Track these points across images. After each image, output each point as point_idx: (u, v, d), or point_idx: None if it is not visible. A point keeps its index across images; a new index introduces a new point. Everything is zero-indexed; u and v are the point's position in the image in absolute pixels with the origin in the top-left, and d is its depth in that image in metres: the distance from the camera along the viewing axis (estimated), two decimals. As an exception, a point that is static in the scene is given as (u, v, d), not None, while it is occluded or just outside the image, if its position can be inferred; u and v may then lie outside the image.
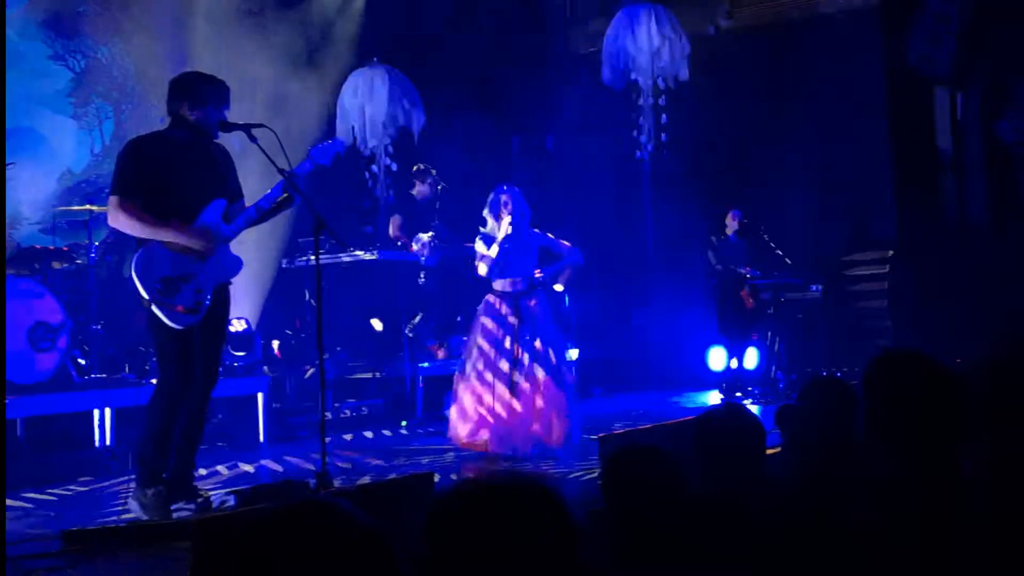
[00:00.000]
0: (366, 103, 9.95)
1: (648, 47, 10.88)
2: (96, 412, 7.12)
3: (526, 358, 6.80)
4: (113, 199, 5.03)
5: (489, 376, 6.78)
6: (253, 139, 5.16)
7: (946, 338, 9.38)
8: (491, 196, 7.12)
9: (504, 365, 6.78)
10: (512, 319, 6.87)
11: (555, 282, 7.56)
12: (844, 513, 2.56)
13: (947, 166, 11.45)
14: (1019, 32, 10.34)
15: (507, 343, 6.84)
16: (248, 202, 5.37)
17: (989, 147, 10.98)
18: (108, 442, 7.04)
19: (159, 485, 5.06)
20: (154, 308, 4.94)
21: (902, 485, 2.52)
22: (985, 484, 2.41)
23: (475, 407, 6.81)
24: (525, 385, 6.76)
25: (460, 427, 6.89)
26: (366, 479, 6.07)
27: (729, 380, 10.07)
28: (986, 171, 11.19)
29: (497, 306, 6.93)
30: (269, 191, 5.26)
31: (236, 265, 5.32)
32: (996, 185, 11.09)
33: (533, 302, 6.98)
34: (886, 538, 2.41)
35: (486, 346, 6.86)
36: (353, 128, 10.00)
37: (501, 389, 6.76)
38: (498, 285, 6.98)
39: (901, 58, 11.04)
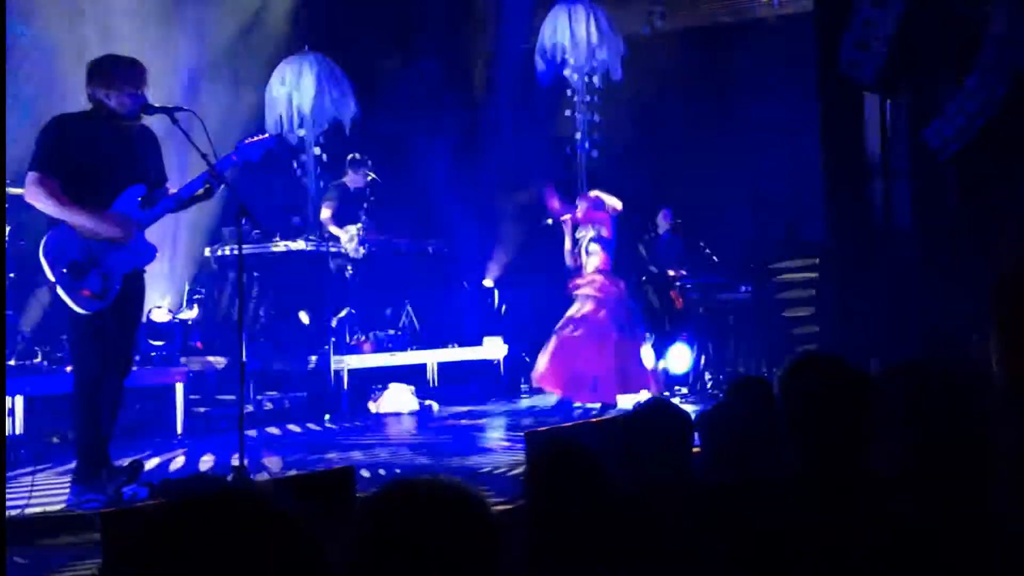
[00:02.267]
0: (294, 92, 9.78)
1: (586, 44, 10.83)
2: (8, 400, 6.91)
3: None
4: (32, 175, 4.98)
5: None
6: (175, 122, 5.14)
7: (871, 341, 9.50)
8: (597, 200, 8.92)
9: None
10: None
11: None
12: (762, 513, 2.55)
13: (875, 172, 11.59)
14: (947, 39, 10.50)
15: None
16: (172, 187, 5.32)
17: (916, 153, 11.14)
18: (19, 431, 6.83)
19: (109, 463, 5.06)
20: (59, 291, 4.91)
21: (817, 486, 2.51)
22: (901, 485, 2.40)
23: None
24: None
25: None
26: (286, 472, 5.97)
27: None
28: (912, 177, 11.36)
29: None
30: (191, 181, 5.21)
31: (150, 253, 5.26)
32: (922, 191, 11.25)
33: None
34: (803, 538, 2.39)
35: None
36: (281, 118, 9.84)
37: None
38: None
39: (833, 64, 11.14)
